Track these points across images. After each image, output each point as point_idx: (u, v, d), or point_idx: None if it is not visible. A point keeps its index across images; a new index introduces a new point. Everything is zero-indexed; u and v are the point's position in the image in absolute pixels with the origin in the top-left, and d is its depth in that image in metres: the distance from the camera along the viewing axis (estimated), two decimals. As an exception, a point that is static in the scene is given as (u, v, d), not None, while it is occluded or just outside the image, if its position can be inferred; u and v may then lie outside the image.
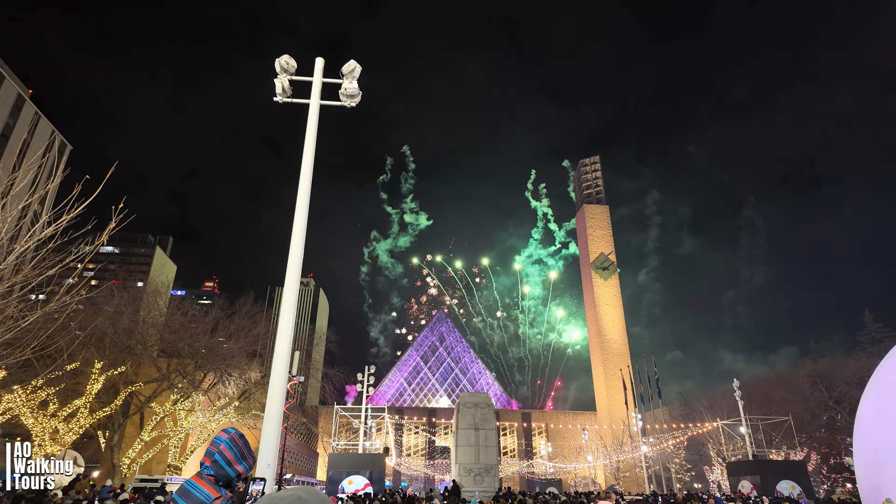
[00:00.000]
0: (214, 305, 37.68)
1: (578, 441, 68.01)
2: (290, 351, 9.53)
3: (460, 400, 27.12)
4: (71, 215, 10.31)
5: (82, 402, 26.44)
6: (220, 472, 3.28)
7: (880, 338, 47.34)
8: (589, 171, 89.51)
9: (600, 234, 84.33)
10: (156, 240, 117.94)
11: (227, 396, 36.06)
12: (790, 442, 36.97)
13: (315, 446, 65.65)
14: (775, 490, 24.43)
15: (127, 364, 29.39)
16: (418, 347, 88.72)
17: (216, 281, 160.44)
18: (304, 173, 10.36)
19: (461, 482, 23.27)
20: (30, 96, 79.63)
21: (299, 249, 9.98)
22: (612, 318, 79.00)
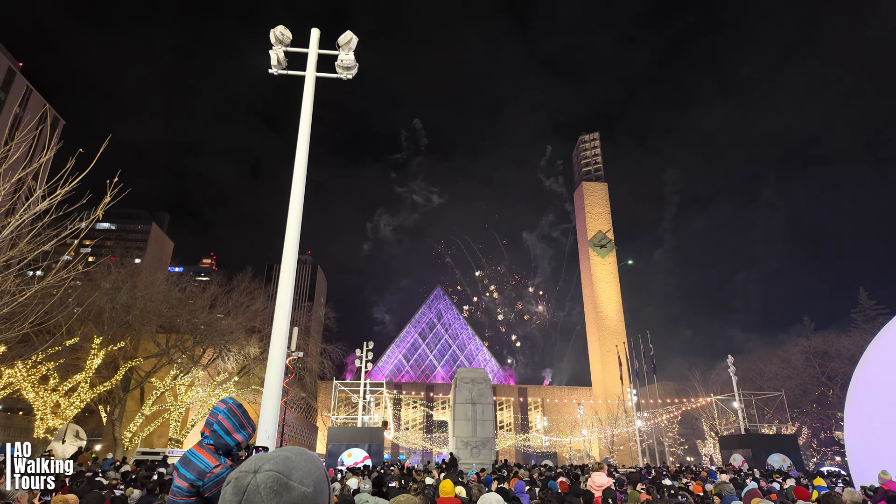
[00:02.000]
0: (212, 282, 37.71)
1: (574, 416, 69.09)
2: (288, 326, 9.55)
3: (457, 375, 27.39)
4: (66, 189, 10.20)
5: (82, 376, 26.64)
6: (220, 442, 3.32)
7: (874, 315, 47.78)
8: (588, 148, 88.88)
9: (598, 211, 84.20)
10: (152, 216, 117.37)
11: (227, 371, 36.37)
12: (782, 416, 37.62)
13: (315, 420, 66.58)
14: (766, 463, 24.92)
15: (126, 339, 29.54)
16: (416, 324, 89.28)
17: (214, 258, 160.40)
18: (300, 147, 10.23)
19: (458, 455, 23.66)
20: (20, 69, 78.08)
21: (296, 225, 9.92)
22: (608, 295, 79.47)
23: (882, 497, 8.55)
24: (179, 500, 3.16)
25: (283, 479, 1.07)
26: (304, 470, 1.12)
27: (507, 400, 75.01)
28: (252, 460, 1.14)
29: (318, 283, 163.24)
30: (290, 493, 1.07)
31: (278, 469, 1.09)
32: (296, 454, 1.16)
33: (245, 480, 1.08)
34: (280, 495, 1.05)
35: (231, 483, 1.10)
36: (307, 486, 1.10)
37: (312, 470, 1.14)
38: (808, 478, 15.92)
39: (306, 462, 1.15)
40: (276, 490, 1.06)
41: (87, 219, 11.05)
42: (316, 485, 1.13)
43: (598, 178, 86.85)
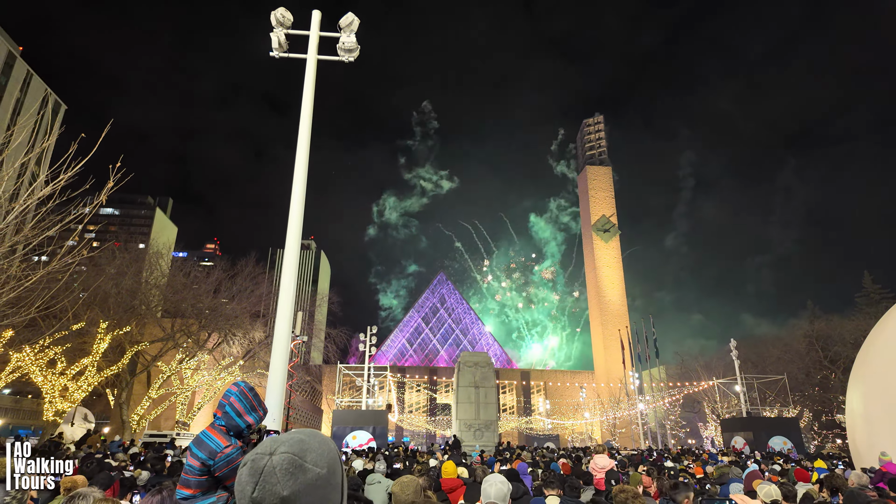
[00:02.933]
0: (216, 267, 37.85)
1: (576, 399, 69.58)
2: (292, 311, 9.61)
3: (461, 359, 27.59)
4: (69, 174, 10.20)
5: (89, 360, 26.92)
6: (231, 423, 3.40)
7: (878, 299, 47.63)
8: (592, 132, 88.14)
9: (602, 195, 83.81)
10: (155, 201, 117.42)
11: (232, 356, 36.69)
12: (784, 400, 37.81)
13: (319, 403, 67.28)
14: (767, 445, 25.11)
15: (132, 324, 29.77)
16: (420, 309, 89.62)
17: (217, 243, 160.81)
18: (301, 131, 10.18)
19: (462, 437, 23.93)
20: (20, 53, 77.52)
21: (299, 210, 9.92)
22: (611, 279, 79.48)
23: (881, 478, 8.62)
24: (192, 479, 3.24)
25: (299, 461, 1.10)
26: (318, 452, 1.15)
27: (509, 383, 75.56)
28: (267, 443, 1.16)
29: (322, 268, 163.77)
30: (305, 474, 1.09)
31: (293, 451, 1.11)
32: (310, 437, 1.19)
33: (261, 462, 1.10)
34: (295, 476, 1.08)
35: (247, 465, 1.12)
36: (321, 468, 1.13)
37: (326, 452, 1.17)
38: (809, 460, 16.04)
39: (320, 444, 1.17)
40: (292, 471, 1.08)
41: (90, 204, 11.06)
42: (330, 466, 1.15)
43: (602, 161, 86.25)
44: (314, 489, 1.10)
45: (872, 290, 49.93)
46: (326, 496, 1.13)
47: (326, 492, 1.13)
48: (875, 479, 8.95)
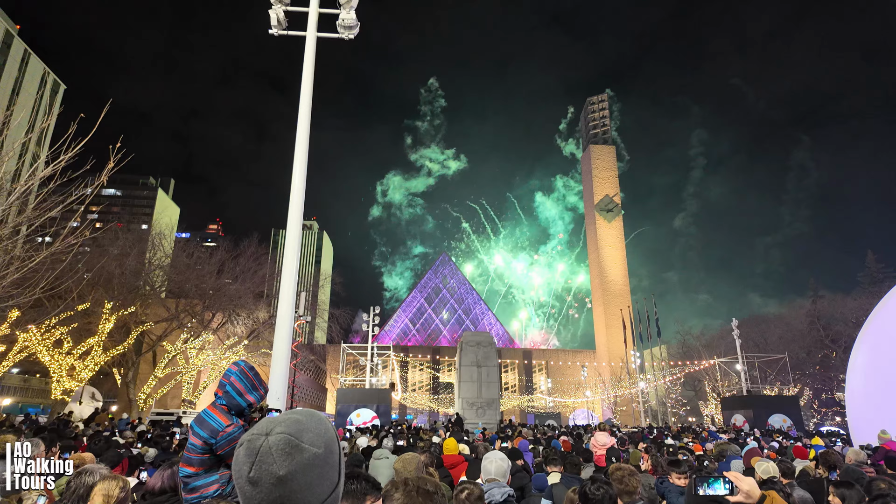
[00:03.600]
0: (219, 247, 37.96)
1: (577, 377, 70.17)
2: (295, 291, 9.64)
3: (463, 339, 27.77)
4: (69, 154, 10.15)
5: (95, 340, 27.19)
6: (232, 403, 3.43)
7: (881, 278, 47.52)
8: (596, 110, 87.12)
9: (606, 175, 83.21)
10: (157, 182, 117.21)
11: (236, 335, 37.00)
12: (784, 378, 38.05)
13: (324, 382, 68.04)
14: (767, 423, 25.36)
15: (136, 304, 29.98)
16: (422, 289, 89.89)
17: (220, 223, 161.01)
18: (302, 109, 10.08)
19: (464, 415, 24.22)
20: (18, 32, 76.57)
21: (300, 190, 9.88)
22: (614, 259, 79.42)
23: (882, 456, 8.70)
24: (194, 457, 3.29)
25: (295, 441, 1.10)
26: (314, 432, 1.14)
27: (511, 362, 76.14)
28: (263, 423, 1.16)
29: (325, 249, 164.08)
30: (301, 454, 1.09)
31: (289, 431, 1.11)
32: (306, 416, 1.18)
33: (257, 443, 1.10)
34: (292, 456, 1.08)
35: (244, 445, 1.12)
36: (318, 448, 1.12)
37: (323, 432, 1.17)
38: (808, 437, 16.21)
39: (317, 424, 1.17)
40: (288, 452, 1.08)
41: (91, 185, 11.03)
42: (327, 445, 1.15)
43: (605, 140, 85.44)
44: (311, 468, 1.10)
45: (875, 269, 49.79)
46: (324, 475, 1.14)
47: (324, 471, 1.13)
48: (875, 457, 9.04)
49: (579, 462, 6.31)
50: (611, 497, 3.03)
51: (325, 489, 1.14)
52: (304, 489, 1.08)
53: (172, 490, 4.02)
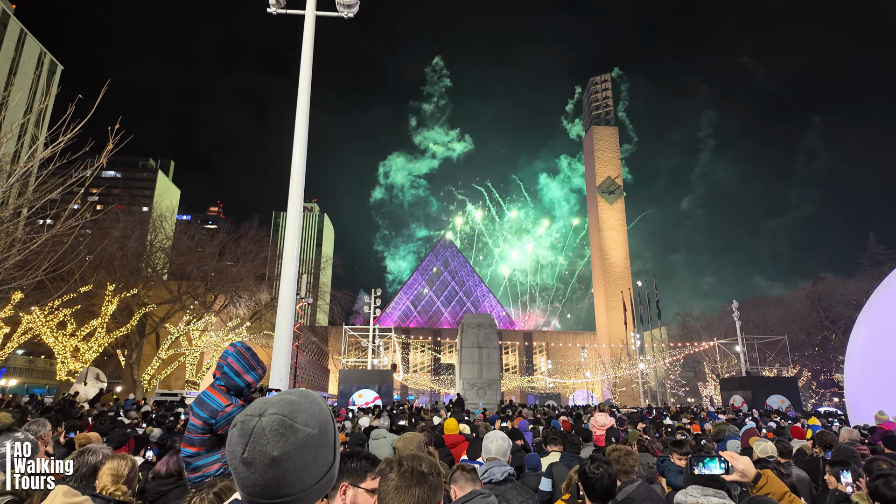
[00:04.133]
0: (220, 230, 38.00)
1: (577, 359, 70.67)
2: (296, 272, 9.65)
3: (464, 321, 27.88)
4: (68, 136, 10.08)
5: (98, 322, 27.38)
6: (231, 383, 3.45)
7: (883, 260, 47.50)
8: (599, 90, 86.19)
9: (608, 156, 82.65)
10: (157, 164, 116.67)
11: (239, 317, 37.22)
12: (783, 360, 38.28)
13: (326, 364, 68.63)
14: (765, 404, 25.58)
15: (138, 286, 30.11)
16: (423, 272, 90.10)
17: (220, 206, 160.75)
18: (301, 89, 9.97)
19: (465, 395, 24.44)
20: (14, 12, 75.52)
21: (301, 172, 9.83)
22: (615, 241, 79.34)
23: (879, 436, 8.79)
24: (195, 437, 3.33)
25: (288, 422, 1.09)
26: (308, 412, 1.14)
27: (512, 344, 76.64)
28: (257, 404, 1.15)
29: (326, 231, 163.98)
30: (295, 434, 1.08)
31: (283, 412, 1.10)
32: (300, 397, 1.17)
33: (251, 423, 1.09)
34: (285, 437, 1.07)
35: (237, 426, 1.11)
36: (312, 428, 1.12)
37: (317, 412, 1.16)
38: (806, 417, 16.37)
39: (311, 404, 1.16)
40: (282, 432, 1.07)
41: (91, 167, 10.99)
42: (321, 426, 1.15)
43: (608, 121, 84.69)
44: (305, 449, 1.10)
45: (877, 251, 49.73)
46: (318, 455, 1.14)
47: (318, 451, 1.13)
48: (872, 437, 9.12)
49: (579, 441, 6.39)
50: (610, 476, 3.07)
51: (320, 469, 1.14)
52: (298, 469, 1.08)
53: (178, 474, 4.11)
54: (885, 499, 3.02)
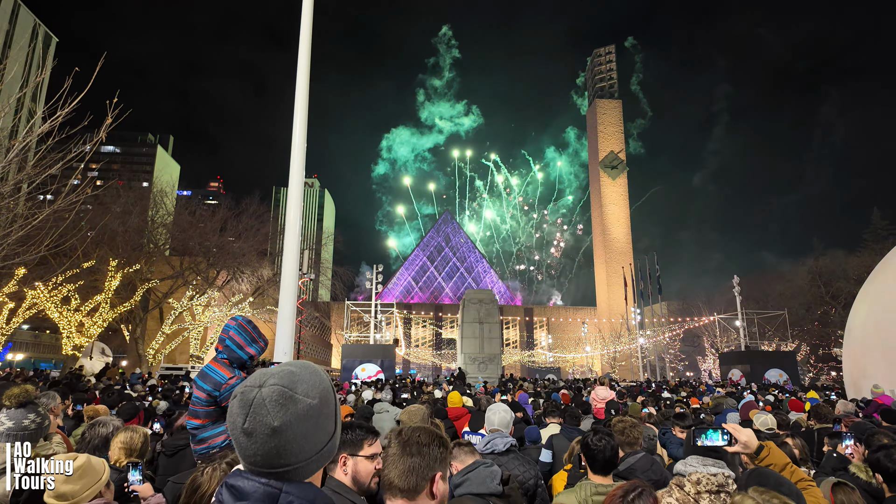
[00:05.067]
0: (221, 205, 37.91)
1: (578, 334, 71.23)
2: (298, 248, 9.66)
3: (465, 296, 28.02)
4: (66, 110, 9.97)
5: (102, 297, 27.56)
6: (233, 356, 3.48)
7: (885, 235, 47.28)
8: (603, 63, 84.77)
9: (611, 130, 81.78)
10: (156, 139, 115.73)
11: (241, 293, 37.42)
12: (783, 334, 38.53)
13: (329, 338, 69.29)
14: (763, 377, 25.86)
15: (141, 262, 30.21)
16: (424, 248, 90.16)
17: (221, 181, 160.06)
18: (301, 60, 9.82)
19: (466, 370, 24.73)
20: (5, -18, 73.98)
21: (301, 147, 9.74)
22: (617, 217, 79.10)
23: (875, 409, 8.89)
24: (200, 410, 3.37)
25: (289, 393, 1.09)
26: (309, 383, 1.14)
27: (513, 319, 77.16)
28: (256, 375, 1.15)
29: (327, 207, 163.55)
30: (295, 405, 1.09)
31: (283, 383, 1.10)
32: (300, 368, 1.17)
33: (251, 395, 1.09)
34: (286, 408, 1.07)
35: (237, 397, 1.11)
36: (313, 398, 1.12)
37: (317, 382, 1.16)
38: (803, 391, 16.55)
39: (311, 375, 1.16)
40: (282, 403, 1.07)
41: (90, 142, 10.89)
42: (322, 396, 1.15)
43: (612, 95, 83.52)
44: (306, 419, 1.10)
45: (880, 227, 49.50)
46: (319, 425, 1.14)
47: (319, 421, 1.14)
48: (868, 410, 9.23)
49: (578, 414, 6.47)
50: (612, 448, 3.10)
51: (321, 439, 1.15)
52: (299, 439, 1.09)
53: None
54: (887, 471, 3.07)
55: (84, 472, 2.40)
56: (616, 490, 2.09)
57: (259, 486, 1.07)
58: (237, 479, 1.10)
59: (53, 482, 2.34)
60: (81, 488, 2.37)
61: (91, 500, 2.39)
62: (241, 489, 1.07)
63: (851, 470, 3.71)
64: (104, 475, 2.49)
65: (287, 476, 1.10)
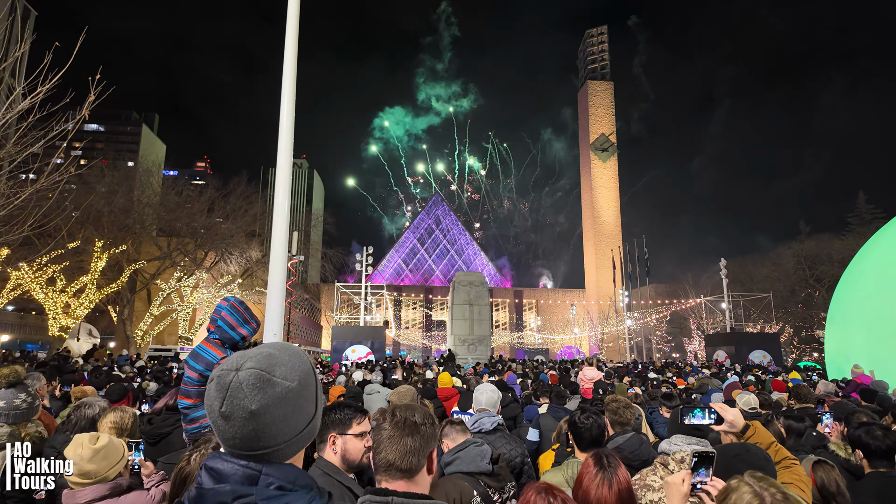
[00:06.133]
0: (209, 186, 37.42)
1: (566, 315, 71.89)
2: (287, 229, 9.56)
3: (456, 279, 28.11)
4: (47, 86, 9.73)
5: (88, 278, 27.27)
6: (225, 336, 3.47)
7: (870, 219, 47.97)
8: (595, 43, 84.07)
9: (602, 112, 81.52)
10: (141, 117, 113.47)
11: (230, 274, 37.20)
12: (767, 316, 39.17)
13: (319, 320, 69.32)
14: (747, 358, 26.35)
15: (127, 243, 29.86)
16: (415, 230, 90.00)
17: (207, 161, 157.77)
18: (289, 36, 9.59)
19: (456, 351, 24.93)
20: (-20, -48, 71.26)
21: (289, 126, 9.57)
22: (607, 200, 79.31)
23: (854, 388, 9.11)
24: (191, 389, 3.37)
25: (266, 376, 1.07)
26: (288, 365, 1.12)
27: (502, 301, 77.63)
28: (234, 358, 1.12)
29: (316, 188, 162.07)
30: (273, 388, 1.07)
31: (260, 366, 1.08)
32: (279, 350, 1.15)
33: (227, 378, 1.07)
34: (263, 391, 1.06)
35: (214, 381, 1.10)
36: (291, 381, 1.10)
37: (297, 365, 1.14)
38: (786, 371, 16.90)
39: (290, 357, 1.14)
40: (259, 386, 1.06)
41: (72, 119, 10.65)
42: (301, 379, 1.13)
43: (603, 76, 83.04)
44: (284, 402, 1.08)
45: (865, 210, 50.19)
46: (299, 407, 1.13)
47: (298, 403, 1.12)
48: (847, 389, 9.45)
49: (566, 394, 6.56)
50: (599, 426, 3.15)
51: (300, 421, 1.14)
52: (278, 422, 1.07)
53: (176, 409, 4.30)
54: (868, 447, 3.16)
55: (107, 452, 2.48)
56: (588, 461, 2.25)
57: (238, 468, 1.06)
58: (216, 461, 1.09)
59: (75, 465, 2.41)
60: (104, 468, 2.45)
61: (112, 479, 2.47)
62: (221, 471, 1.07)
63: (830, 448, 3.81)
64: (124, 455, 2.58)
65: (267, 458, 1.09)
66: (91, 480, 2.42)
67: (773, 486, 1.55)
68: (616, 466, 2.27)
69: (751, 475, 1.62)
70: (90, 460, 2.42)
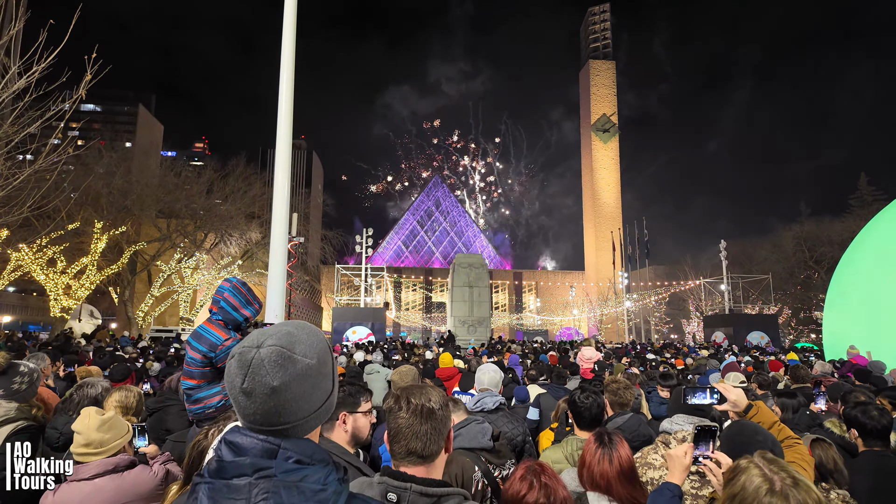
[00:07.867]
0: (207, 167, 37.21)
1: (565, 297, 72.15)
2: (287, 211, 9.57)
3: (455, 261, 28.13)
4: (42, 65, 9.62)
5: (89, 260, 27.29)
6: (228, 317, 3.48)
7: (871, 201, 47.82)
8: (597, 22, 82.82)
9: (604, 92, 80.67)
10: (138, 97, 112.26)
11: (230, 255, 37.21)
12: (766, 298, 39.31)
13: (319, 301, 69.57)
14: (745, 340, 26.51)
15: (127, 224, 29.81)
16: (414, 212, 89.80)
17: (206, 141, 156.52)
18: (287, 11, 9.48)
19: (456, 332, 25.07)
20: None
21: (288, 106, 9.50)
22: (607, 181, 78.98)
23: (849, 369, 9.20)
24: (195, 370, 3.39)
25: (287, 353, 1.09)
26: (307, 343, 1.14)
27: (502, 283, 77.83)
28: (254, 335, 1.14)
29: (315, 169, 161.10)
30: (294, 365, 1.09)
31: (281, 343, 1.10)
32: (298, 328, 1.17)
33: (249, 355, 1.09)
34: (284, 368, 1.08)
35: (235, 357, 1.11)
36: (311, 358, 1.13)
37: (316, 342, 1.16)
38: (783, 352, 17.03)
39: (308, 335, 1.16)
40: (280, 363, 1.08)
41: (69, 99, 10.54)
42: (320, 356, 1.15)
43: (605, 55, 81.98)
44: (304, 379, 1.11)
45: (866, 192, 49.98)
46: (317, 384, 1.15)
47: (317, 380, 1.15)
48: (843, 370, 9.54)
49: (565, 374, 6.62)
50: (598, 405, 3.19)
51: (319, 398, 1.16)
52: (297, 398, 1.10)
53: (173, 392, 4.36)
54: (864, 426, 3.21)
55: (112, 424, 2.54)
56: (590, 439, 2.29)
57: (258, 442, 1.08)
58: (236, 435, 1.11)
59: (81, 435, 2.46)
60: (109, 439, 2.50)
61: (115, 453, 2.52)
62: (240, 445, 1.09)
63: (826, 426, 3.87)
64: (129, 432, 2.64)
65: (285, 433, 1.11)
66: (96, 451, 2.46)
67: (783, 470, 1.51)
68: (617, 443, 2.33)
69: (761, 456, 1.58)
70: (97, 429, 2.47)
